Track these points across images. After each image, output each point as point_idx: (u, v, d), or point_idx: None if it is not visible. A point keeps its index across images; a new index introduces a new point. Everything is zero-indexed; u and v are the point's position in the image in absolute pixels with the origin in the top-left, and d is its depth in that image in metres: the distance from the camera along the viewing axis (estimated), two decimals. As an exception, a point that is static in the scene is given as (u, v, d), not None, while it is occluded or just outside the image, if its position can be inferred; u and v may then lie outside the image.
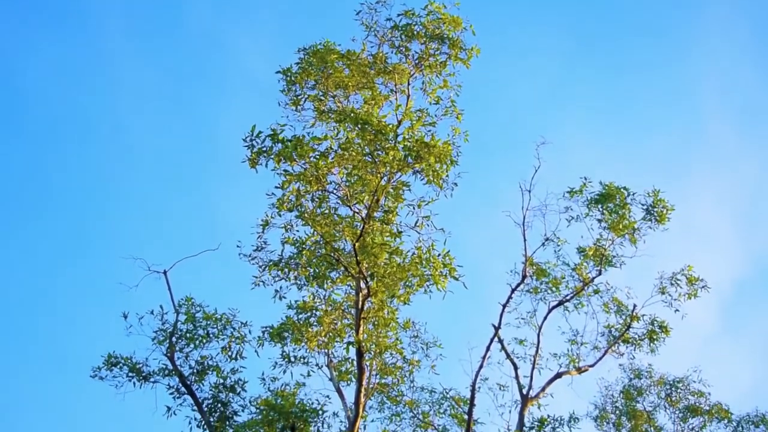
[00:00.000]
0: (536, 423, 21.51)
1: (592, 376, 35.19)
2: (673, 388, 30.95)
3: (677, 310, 24.13)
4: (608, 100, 51.00)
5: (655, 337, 24.35)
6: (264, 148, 17.52)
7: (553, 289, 24.06)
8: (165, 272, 20.48)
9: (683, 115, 52.00)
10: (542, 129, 29.70)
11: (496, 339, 21.43)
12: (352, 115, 17.98)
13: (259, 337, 20.45)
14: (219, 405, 20.37)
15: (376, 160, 18.06)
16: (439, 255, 18.64)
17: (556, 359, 23.92)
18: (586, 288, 23.98)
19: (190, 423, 20.28)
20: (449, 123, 19.40)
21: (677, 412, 31.08)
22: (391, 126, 17.96)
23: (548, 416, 21.57)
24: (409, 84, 19.49)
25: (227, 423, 20.16)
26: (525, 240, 22.85)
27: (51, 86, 48.19)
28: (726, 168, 51.34)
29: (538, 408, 22.15)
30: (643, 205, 23.38)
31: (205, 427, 20.13)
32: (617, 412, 31.54)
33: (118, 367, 20.27)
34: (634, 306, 24.27)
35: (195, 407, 20.26)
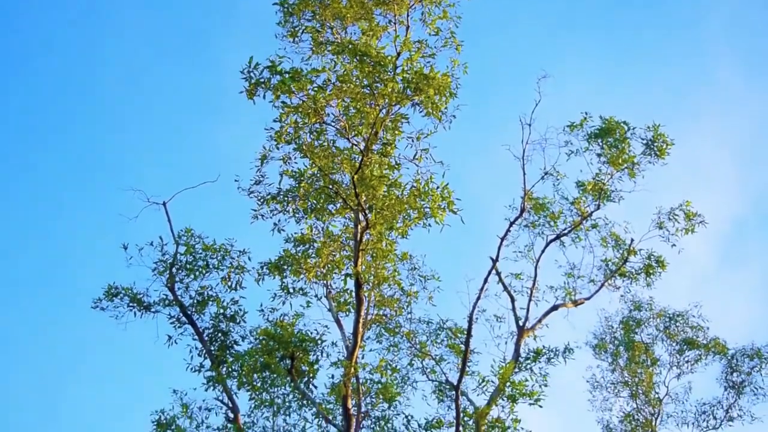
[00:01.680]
0: (532, 354, 21.74)
1: (588, 310, 35.69)
2: (672, 321, 31.33)
3: (674, 245, 24.29)
4: (612, 36, 50.46)
5: (651, 271, 24.52)
6: (262, 80, 17.41)
7: (551, 223, 24.15)
8: (164, 204, 20.59)
9: (689, 53, 51.46)
10: (544, 63, 29.41)
11: (493, 272, 21.56)
12: (350, 46, 17.82)
13: (258, 270, 20.66)
14: (219, 334, 20.68)
15: (375, 92, 17.98)
16: (437, 188, 18.69)
17: (552, 292, 24.16)
18: (584, 222, 24.09)
19: (191, 352, 20.64)
20: (448, 55, 19.29)
21: (674, 344, 31.51)
22: (389, 57, 17.80)
23: (544, 347, 21.79)
24: (408, 15, 19.30)
25: (227, 352, 20.48)
26: (524, 174, 22.85)
27: (53, 12, 47.67)
28: (729, 106, 51.04)
29: (534, 339, 22.43)
30: (643, 139, 23.33)
31: (206, 355, 20.47)
32: (615, 342, 32.00)
33: (119, 297, 20.54)
34: (632, 240, 24.41)
35: (196, 336, 20.58)
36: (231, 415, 20.13)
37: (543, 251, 23.74)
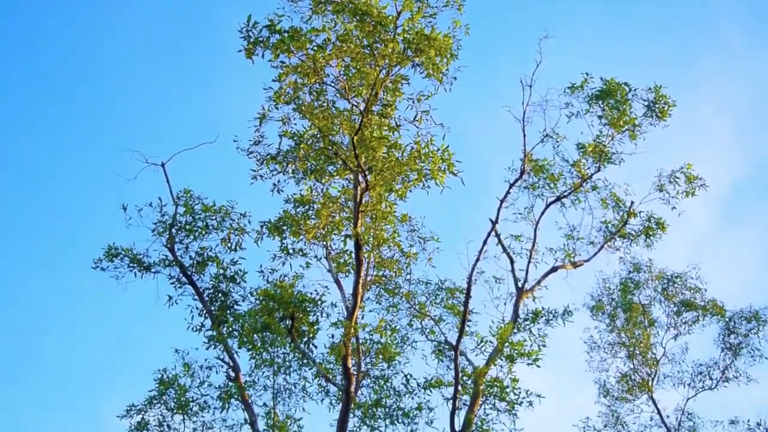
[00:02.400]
0: (531, 315, 21.86)
1: (587, 271, 35.83)
2: (670, 283, 31.45)
3: (674, 207, 24.29)
4: (616, -5, 49.88)
5: (651, 233, 24.57)
6: (261, 39, 17.31)
7: (551, 185, 24.15)
8: (163, 165, 20.59)
9: (692, 16, 50.92)
10: (546, 24, 29.06)
11: (493, 233, 21.61)
12: (350, 5, 17.68)
13: (257, 231, 20.70)
14: (219, 295, 20.80)
15: (375, 52, 17.88)
16: (437, 150, 18.69)
17: (551, 253, 24.22)
18: (584, 184, 24.08)
19: (191, 312, 20.78)
20: (450, 15, 19.09)
21: (672, 306, 31.66)
22: (390, 17, 17.66)
23: (542, 309, 21.90)
24: (409, -26, 19.09)
25: (228, 312, 20.61)
26: (524, 136, 22.80)
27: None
28: (732, 69, 50.64)
29: (533, 300, 22.55)
30: (644, 101, 23.24)
31: (207, 315, 20.60)
32: (613, 303, 32.16)
33: (119, 258, 20.64)
34: (632, 203, 24.41)
35: (196, 297, 20.71)
36: (232, 374, 20.30)
37: (543, 213, 23.80)
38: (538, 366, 19.88)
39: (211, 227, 20.80)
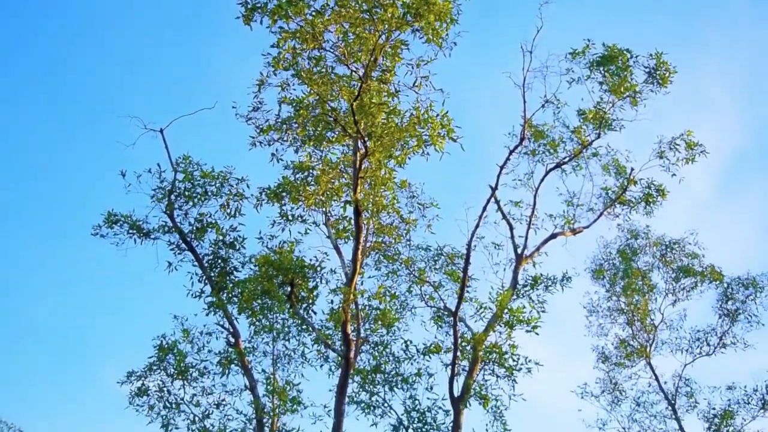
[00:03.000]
0: (530, 281, 21.89)
1: (586, 238, 35.91)
2: (668, 249, 31.53)
3: (674, 174, 24.18)
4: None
5: (651, 200, 24.51)
6: (258, 5, 17.16)
7: (551, 151, 24.07)
8: (161, 131, 20.51)
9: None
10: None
11: (492, 199, 21.58)
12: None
13: (256, 197, 20.66)
14: (219, 261, 20.83)
15: (374, 17, 17.71)
16: (437, 115, 18.55)
17: (551, 220, 24.18)
18: (584, 151, 23.99)
19: (191, 278, 20.82)
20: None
21: (670, 272, 31.75)
22: (389, -19, 17.49)
23: (542, 275, 21.91)
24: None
25: (227, 278, 20.65)
26: (524, 102, 22.65)
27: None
28: (734, 37, 50.33)
29: (534, 266, 22.57)
30: (645, 67, 23.05)
31: (206, 281, 20.64)
32: (613, 268, 32.26)
33: (118, 224, 20.61)
34: (632, 169, 24.33)
35: (196, 263, 20.74)
36: (232, 340, 20.39)
37: (542, 179, 23.72)
38: (537, 333, 19.95)
39: (210, 193, 20.78)
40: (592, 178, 24.77)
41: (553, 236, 23.36)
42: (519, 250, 22.60)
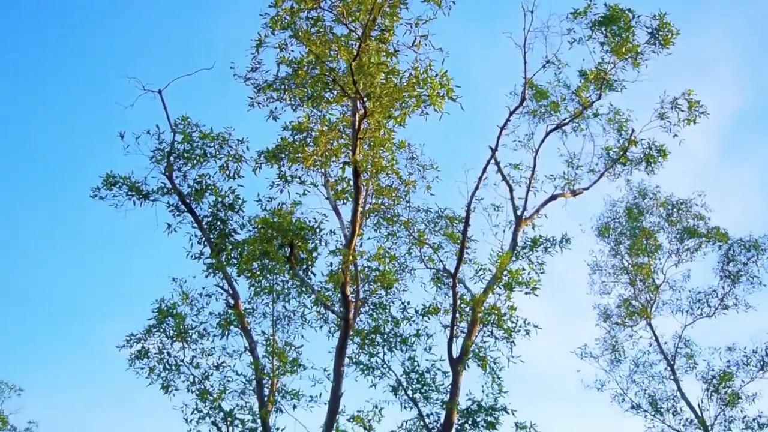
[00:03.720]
0: (529, 243, 21.86)
1: (586, 201, 35.82)
2: (674, 209, 31.49)
3: (676, 135, 24.02)
4: None
5: (652, 160, 24.39)
6: (255, -38, 16.92)
7: (552, 111, 23.90)
8: (160, 91, 20.38)
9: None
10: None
11: (492, 161, 21.47)
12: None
13: (255, 160, 20.57)
14: (218, 223, 20.81)
15: (372, -25, 17.49)
16: (436, 75, 18.39)
17: (551, 181, 24.10)
18: (585, 111, 23.82)
19: (190, 240, 20.81)
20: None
21: (675, 232, 31.74)
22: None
23: (541, 237, 21.87)
24: None
25: (227, 240, 20.63)
26: (525, 62, 22.44)
27: None
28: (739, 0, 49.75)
29: (533, 229, 22.52)
30: (647, 28, 22.78)
31: (205, 243, 20.63)
32: (619, 228, 32.28)
33: (117, 186, 20.56)
34: (632, 130, 24.18)
35: (195, 225, 20.72)
36: (231, 302, 20.43)
37: (543, 140, 23.58)
38: (536, 295, 19.97)
39: (209, 155, 20.70)
40: (593, 138, 24.66)
41: (553, 198, 23.29)
42: (518, 212, 22.55)
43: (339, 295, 19.76)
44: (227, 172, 20.70)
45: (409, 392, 20.85)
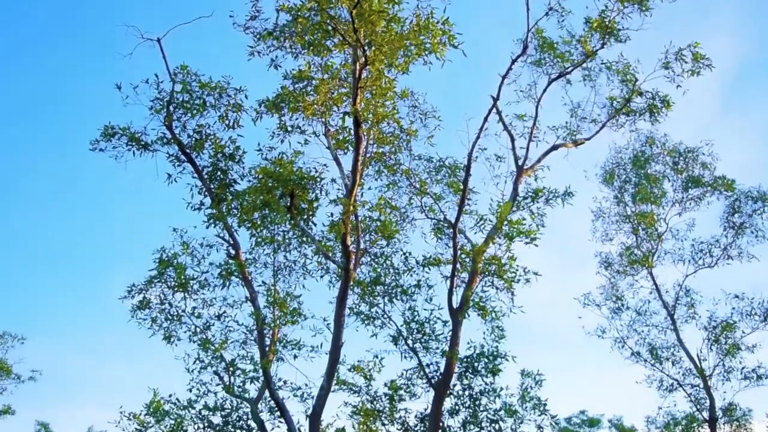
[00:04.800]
0: (531, 194, 21.76)
1: (587, 151, 35.63)
2: (681, 157, 31.29)
3: (679, 86, 23.70)
4: None
5: (655, 111, 24.13)
6: None
7: (555, 60, 23.58)
8: (158, 40, 20.07)
9: None
10: None
11: (494, 110, 21.27)
12: None
13: (255, 109, 20.37)
14: (218, 173, 20.68)
15: None
16: (438, 23, 18.18)
17: (553, 132, 23.88)
18: (588, 60, 23.51)
19: (191, 190, 20.70)
20: None
21: (680, 181, 31.58)
22: None
23: (543, 188, 21.74)
24: None
25: (227, 190, 20.54)
26: (528, 9, 22.13)
27: None
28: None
29: (535, 179, 22.40)
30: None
31: (206, 193, 20.55)
32: (624, 175, 32.13)
33: (117, 137, 20.38)
34: (636, 80, 23.88)
35: (195, 175, 20.59)
36: (232, 252, 20.42)
37: (545, 90, 23.31)
38: (536, 245, 19.95)
39: (208, 104, 20.47)
40: (595, 86, 24.38)
41: (555, 148, 23.11)
42: (520, 162, 22.40)
43: (340, 245, 19.75)
44: (227, 122, 20.50)
45: (409, 342, 20.96)
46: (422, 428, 20.98)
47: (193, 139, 20.58)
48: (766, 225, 30.49)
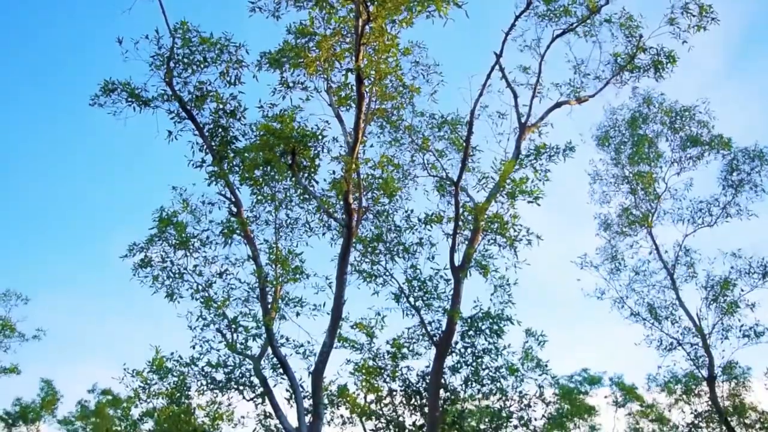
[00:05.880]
0: (533, 151, 21.62)
1: (591, 109, 35.44)
2: (678, 117, 31.09)
3: (685, 41, 23.44)
4: None
5: (660, 66, 23.88)
6: None
7: (560, 14, 23.21)
8: (158, -6, 19.73)
9: None
10: None
11: (497, 67, 21.07)
12: None
13: (257, 61, 20.09)
14: (219, 130, 20.51)
15: None
16: (441, -22, 17.87)
17: (557, 89, 23.64)
18: (593, 16, 23.21)
19: (192, 147, 20.54)
20: None
21: (678, 140, 31.42)
22: None
23: (545, 144, 21.58)
24: None
25: (228, 147, 20.39)
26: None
27: None
28: None
29: (539, 136, 22.26)
30: None
31: (207, 151, 20.40)
32: (620, 136, 31.95)
33: (116, 92, 20.14)
34: (640, 36, 23.60)
35: (196, 132, 20.41)
36: (234, 210, 20.34)
37: (549, 46, 23.06)
38: (539, 204, 19.89)
39: (209, 60, 20.20)
40: (600, 44, 24.09)
41: (558, 105, 22.94)
42: (523, 120, 22.24)
43: (341, 202, 19.65)
44: (228, 79, 20.26)
45: (411, 300, 21.01)
46: (424, 386, 21.13)
47: (194, 95, 20.37)
48: (765, 181, 30.43)
